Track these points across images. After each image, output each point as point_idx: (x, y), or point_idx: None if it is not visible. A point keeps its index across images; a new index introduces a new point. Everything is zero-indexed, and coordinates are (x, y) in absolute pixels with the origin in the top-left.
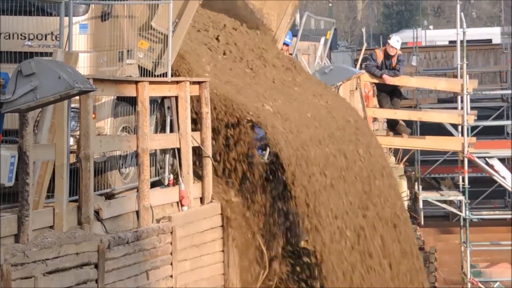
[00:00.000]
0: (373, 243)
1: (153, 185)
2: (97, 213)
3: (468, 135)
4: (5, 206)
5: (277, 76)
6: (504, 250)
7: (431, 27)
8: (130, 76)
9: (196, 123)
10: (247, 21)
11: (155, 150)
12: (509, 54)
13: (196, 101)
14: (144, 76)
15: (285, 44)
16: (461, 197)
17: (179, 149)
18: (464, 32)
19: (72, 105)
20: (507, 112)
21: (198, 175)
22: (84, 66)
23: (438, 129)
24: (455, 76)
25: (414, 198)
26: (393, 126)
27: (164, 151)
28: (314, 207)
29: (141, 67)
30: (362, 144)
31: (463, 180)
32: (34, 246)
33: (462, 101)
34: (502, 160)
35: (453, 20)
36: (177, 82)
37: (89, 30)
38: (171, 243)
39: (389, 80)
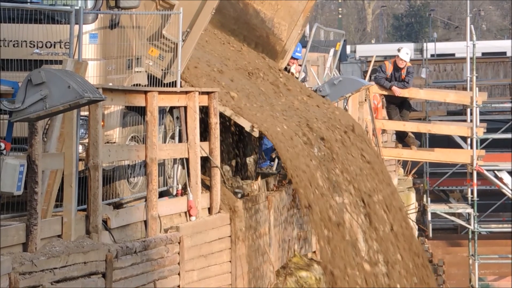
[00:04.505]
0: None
1: (161, 195)
2: (105, 222)
3: (477, 148)
4: (13, 214)
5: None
6: None
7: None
8: (138, 84)
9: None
10: (258, 29)
11: (164, 160)
12: None
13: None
14: (153, 84)
15: (294, 58)
16: (469, 210)
17: (187, 159)
18: (474, 45)
19: (82, 114)
20: None
21: (206, 185)
22: (93, 75)
23: (447, 142)
24: (465, 89)
25: (422, 211)
26: (402, 138)
27: (172, 161)
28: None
29: (150, 74)
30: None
31: (472, 193)
32: (42, 255)
33: (471, 114)
34: (511, 173)
35: (462, 32)
36: (186, 92)
37: (98, 40)
38: (178, 253)
39: (398, 92)
